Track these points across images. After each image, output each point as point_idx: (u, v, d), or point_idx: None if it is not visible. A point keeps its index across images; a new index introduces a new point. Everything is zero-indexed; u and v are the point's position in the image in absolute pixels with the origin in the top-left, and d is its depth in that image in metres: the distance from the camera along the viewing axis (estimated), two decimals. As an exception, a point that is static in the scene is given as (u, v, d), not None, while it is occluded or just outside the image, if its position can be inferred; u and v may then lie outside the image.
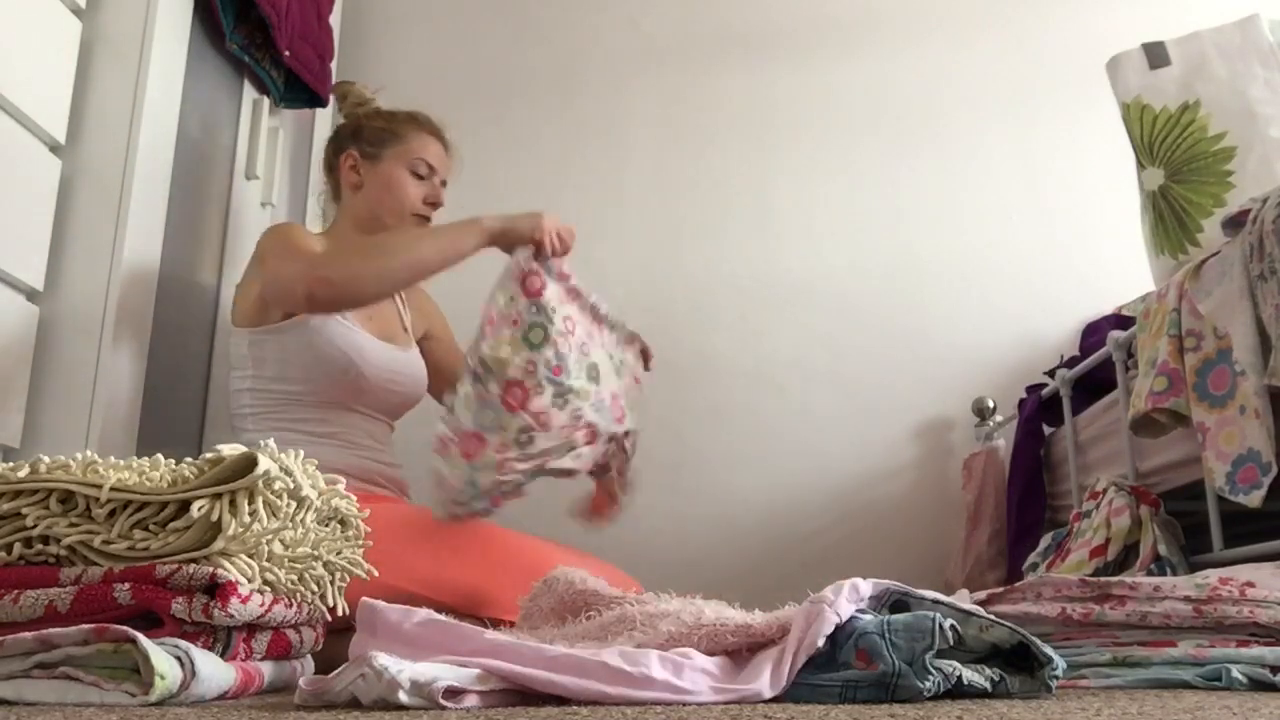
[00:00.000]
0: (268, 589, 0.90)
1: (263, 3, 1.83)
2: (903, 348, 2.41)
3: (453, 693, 0.69)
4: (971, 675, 0.76)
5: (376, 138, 1.73)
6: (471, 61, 2.60)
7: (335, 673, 0.72)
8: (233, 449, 0.87)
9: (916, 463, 2.36)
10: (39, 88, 1.44)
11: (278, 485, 0.87)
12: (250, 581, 0.86)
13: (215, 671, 0.80)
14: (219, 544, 0.83)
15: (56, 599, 0.81)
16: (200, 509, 0.83)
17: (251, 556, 0.87)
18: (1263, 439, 1.25)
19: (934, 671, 0.73)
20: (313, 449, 1.49)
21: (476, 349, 1.50)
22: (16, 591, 0.82)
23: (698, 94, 2.58)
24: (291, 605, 0.94)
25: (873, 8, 2.62)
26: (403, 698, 0.67)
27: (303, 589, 0.96)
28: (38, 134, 1.45)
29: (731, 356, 2.42)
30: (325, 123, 2.23)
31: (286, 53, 1.95)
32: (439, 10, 2.64)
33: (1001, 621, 0.80)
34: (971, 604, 0.83)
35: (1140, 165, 1.72)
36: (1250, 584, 0.98)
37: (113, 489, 0.84)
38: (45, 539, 0.85)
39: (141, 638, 0.76)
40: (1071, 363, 1.98)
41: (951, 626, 0.76)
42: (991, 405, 2.31)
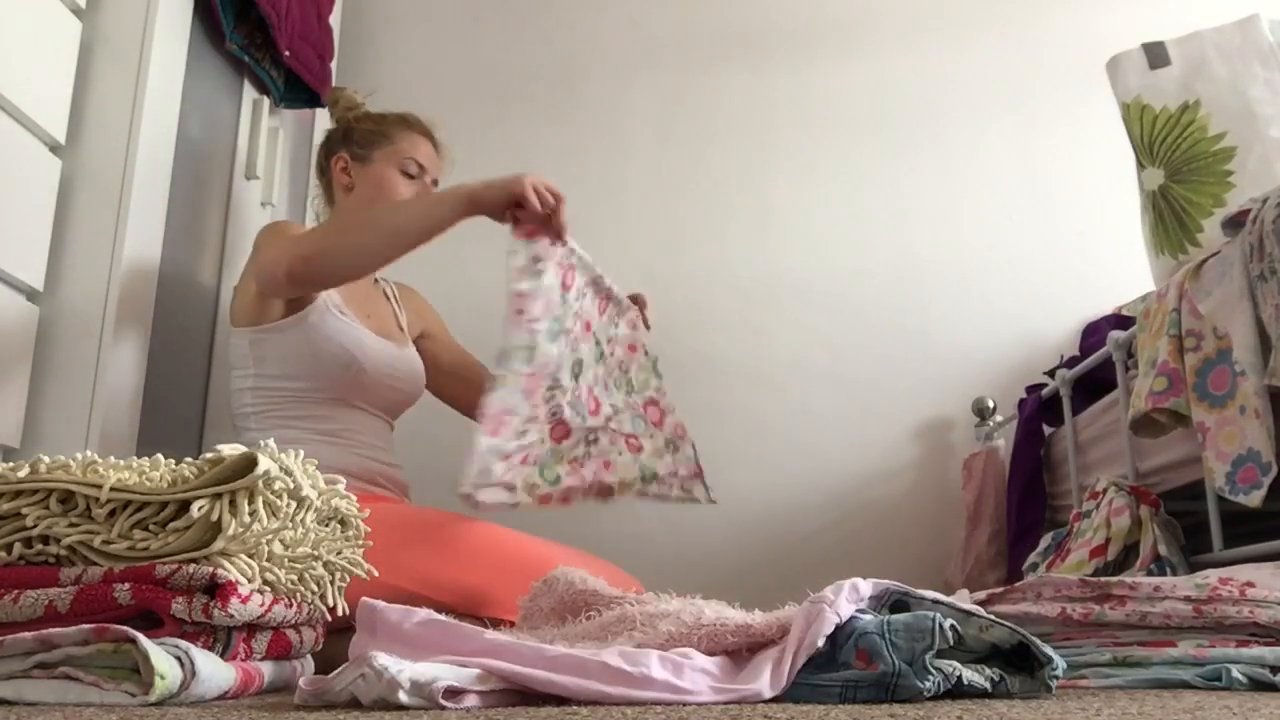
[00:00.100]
0: (268, 589, 0.90)
1: (263, 3, 1.83)
2: (903, 348, 2.41)
3: (453, 693, 0.69)
4: (971, 675, 0.76)
5: (366, 140, 1.75)
6: (471, 61, 2.60)
7: (335, 673, 0.72)
8: (233, 449, 0.87)
9: (916, 463, 2.36)
10: (39, 88, 1.44)
11: (278, 485, 0.87)
12: (250, 581, 0.86)
13: (215, 671, 0.80)
14: (219, 544, 0.83)
15: (56, 599, 0.81)
16: (200, 509, 0.83)
17: (251, 556, 0.87)
18: (1263, 439, 1.25)
19: (934, 671, 0.73)
20: (315, 448, 1.50)
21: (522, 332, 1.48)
22: (16, 591, 0.82)
23: (698, 94, 2.58)
24: (291, 605, 0.94)
25: (873, 8, 2.62)
26: (403, 698, 0.67)
27: (303, 589, 0.96)
28: (38, 134, 1.45)
29: (731, 356, 2.42)
30: (325, 122, 2.23)
31: (287, 53, 1.95)
32: (439, 10, 2.64)
33: (1001, 621, 0.80)
34: (971, 604, 0.83)
35: (1140, 165, 1.72)
36: (1250, 584, 0.98)
37: (113, 489, 0.84)
38: (45, 539, 0.85)
39: (141, 638, 0.76)
40: (1071, 363, 1.98)
41: (951, 626, 0.76)
42: (991, 405, 2.31)
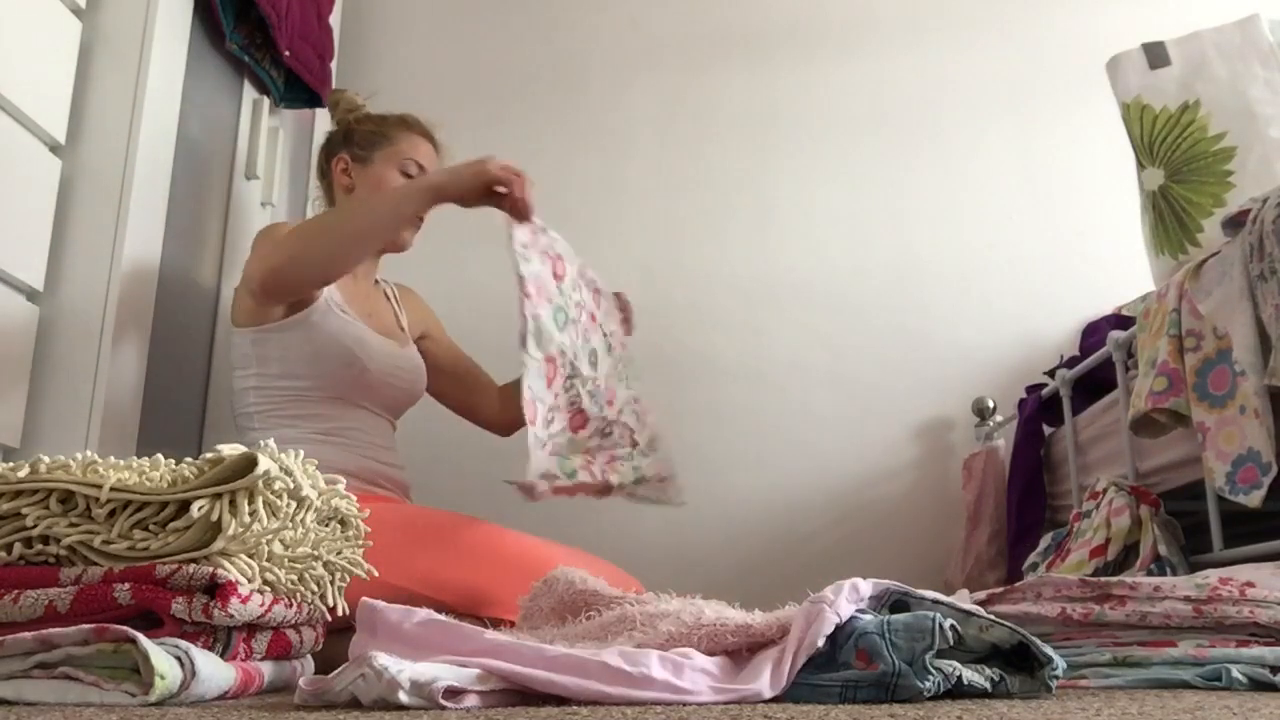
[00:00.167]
0: (268, 589, 0.90)
1: (263, 3, 1.83)
2: (903, 348, 2.41)
3: (453, 693, 0.69)
4: (971, 675, 0.76)
5: (367, 141, 1.75)
6: (471, 61, 2.60)
7: (335, 673, 0.72)
8: (233, 449, 0.87)
9: (916, 463, 2.36)
10: (39, 88, 1.44)
11: (278, 485, 0.87)
12: (250, 581, 0.86)
13: (215, 671, 0.80)
14: (219, 544, 0.83)
15: (56, 599, 0.81)
16: (200, 509, 0.83)
17: (251, 556, 0.87)
18: (1263, 439, 1.25)
19: (934, 671, 0.73)
20: (318, 448, 1.51)
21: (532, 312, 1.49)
22: (16, 591, 0.82)
23: (698, 94, 2.58)
24: (291, 605, 0.94)
25: (873, 8, 2.62)
26: (403, 698, 0.67)
27: (303, 589, 0.96)
28: (38, 134, 1.45)
29: (731, 356, 2.42)
30: (325, 122, 2.23)
31: (287, 53, 1.95)
32: (439, 10, 2.64)
33: (1001, 621, 0.80)
34: (971, 604, 0.83)
35: (1140, 165, 1.72)
36: (1250, 584, 0.98)
37: (113, 489, 0.84)
38: (45, 539, 0.85)
39: (141, 638, 0.76)
40: (1071, 363, 1.98)
41: (951, 626, 0.76)
42: (991, 405, 2.31)
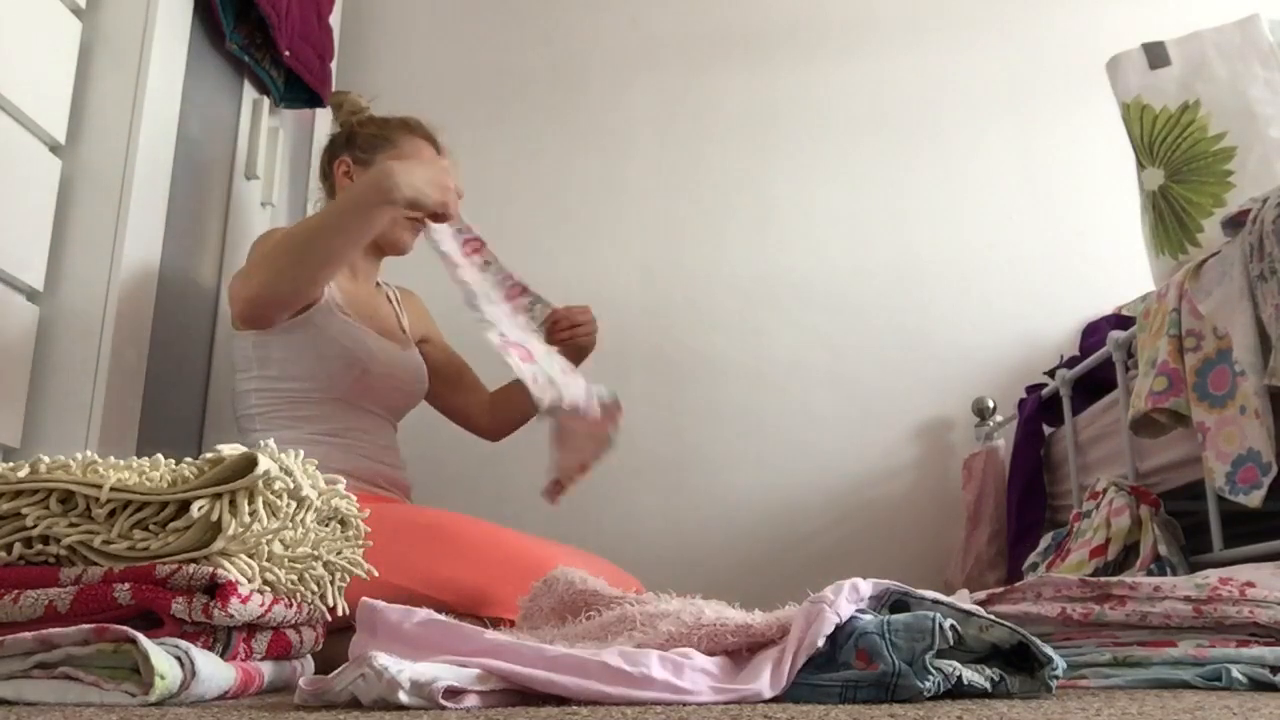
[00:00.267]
0: (268, 589, 0.90)
1: (263, 3, 1.83)
2: (903, 348, 2.41)
3: (453, 693, 0.69)
4: (971, 675, 0.76)
5: (369, 143, 1.74)
6: (471, 61, 2.60)
7: (335, 673, 0.72)
8: (233, 449, 0.87)
9: (916, 463, 2.36)
10: (39, 88, 1.44)
11: (278, 485, 0.87)
12: (250, 581, 0.86)
13: (215, 671, 0.80)
14: (219, 544, 0.83)
15: (56, 599, 0.81)
16: (200, 509, 0.83)
17: (251, 556, 0.87)
18: (1263, 439, 1.25)
19: (934, 671, 0.73)
20: (319, 449, 1.51)
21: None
22: (16, 591, 0.82)
23: (698, 94, 2.58)
24: (291, 605, 0.94)
25: (873, 8, 2.62)
26: (403, 698, 0.67)
27: (303, 589, 0.96)
28: (38, 134, 1.45)
29: (731, 356, 2.42)
30: (325, 123, 2.23)
31: (287, 53, 1.95)
32: (439, 10, 2.64)
33: (1001, 621, 0.80)
34: (971, 604, 0.83)
35: (1140, 165, 1.72)
36: (1250, 584, 0.98)
37: (113, 489, 0.84)
38: (45, 539, 0.85)
39: (141, 638, 0.76)
40: (1071, 363, 1.98)
41: (951, 626, 0.76)
42: (991, 405, 2.31)
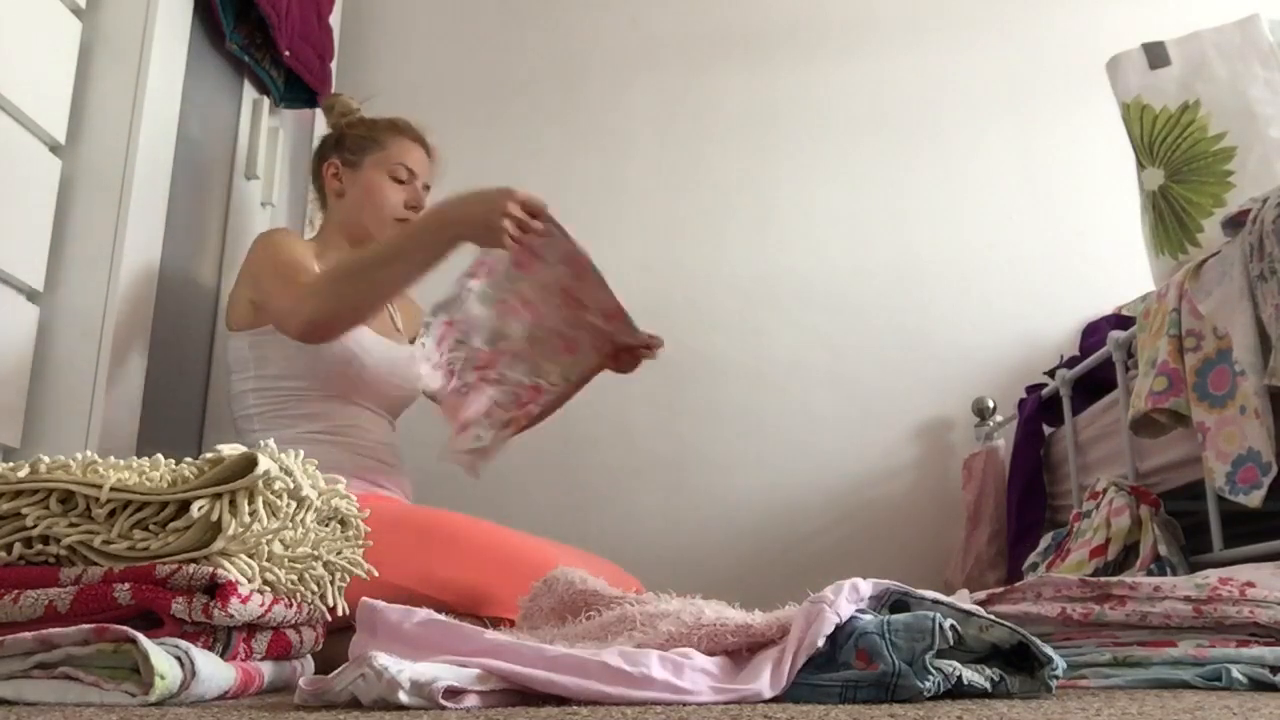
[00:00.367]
0: (268, 589, 0.90)
1: (263, 3, 1.83)
2: (903, 348, 2.41)
3: (453, 693, 0.69)
4: (971, 675, 0.76)
5: (357, 145, 1.75)
6: (471, 61, 2.60)
7: (335, 673, 0.71)
8: (233, 449, 0.87)
9: (916, 463, 2.36)
10: (39, 88, 1.44)
11: (278, 485, 0.87)
12: (250, 581, 0.86)
13: (215, 671, 0.80)
14: (219, 544, 0.83)
15: (56, 599, 0.81)
16: (200, 509, 0.83)
17: (251, 556, 0.87)
18: (1263, 439, 1.25)
19: (934, 671, 0.73)
20: (318, 448, 1.51)
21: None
22: (16, 591, 0.82)
23: (698, 94, 2.58)
24: (291, 605, 0.94)
25: (873, 8, 2.62)
26: (403, 698, 0.67)
27: (303, 589, 0.96)
28: (38, 134, 1.45)
29: (731, 356, 2.42)
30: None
31: (287, 53, 1.95)
32: (439, 10, 2.64)
33: (1001, 621, 0.80)
34: (971, 604, 0.83)
35: (1140, 165, 1.72)
36: (1250, 584, 0.98)
37: (113, 489, 0.84)
38: (45, 539, 0.85)
39: (141, 638, 0.76)
40: (1071, 363, 1.98)
41: (951, 626, 0.76)
42: (991, 405, 2.31)
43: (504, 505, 2.18)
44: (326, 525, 1.01)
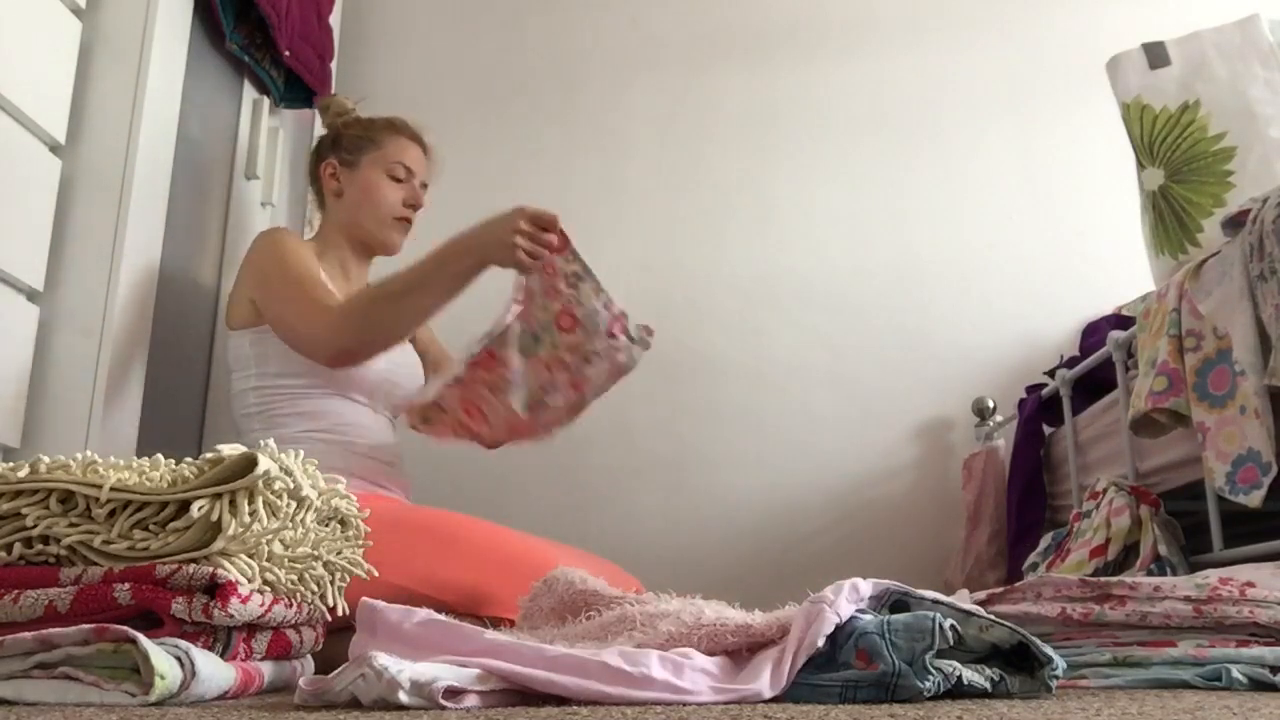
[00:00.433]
0: (268, 589, 0.90)
1: (263, 3, 1.83)
2: (903, 348, 2.41)
3: (453, 693, 0.69)
4: (971, 675, 0.76)
5: (354, 145, 1.75)
6: (471, 61, 2.60)
7: (335, 673, 0.72)
8: (233, 449, 0.88)
9: (916, 463, 2.36)
10: (39, 88, 1.44)
11: (278, 485, 0.87)
12: (250, 581, 0.86)
13: (215, 671, 0.80)
14: (219, 544, 0.83)
15: (56, 599, 0.81)
16: (200, 509, 0.83)
17: (251, 556, 0.87)
18: (1263, 439, 1.25)
19: (934, 671, 0.73)
20: (318, 446, 1.51)
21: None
22: (16, 591, 0.82)
23: (698, 94, 2.58)
24: (291, 605, 0.94)
25: (873, 8, 2.62)
26: (403, 698, 0.67)
27: (303, 589, 0.96)
28: (38, 134, 1.45)
29: (731, 356, 2.42)
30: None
31: (287, 53, 1.95)
32: (439, 10, 2.64)
33: (1001, 621, 0.80)
34: (971, 604, 0.83)
35: (1140, 165, 1.72)
36: (1250, 584, 0.98)
37: (113, 489, 0.84)
38: (45, 539, 0.85)
39: (141, 638, 0.76)
40: (1071, 363, 1.98)
41: (951, 626, 0.76)
42: (991, 405, 2.31)
43: (504, 505, 2.18)
44: (326, 525, 1.01)
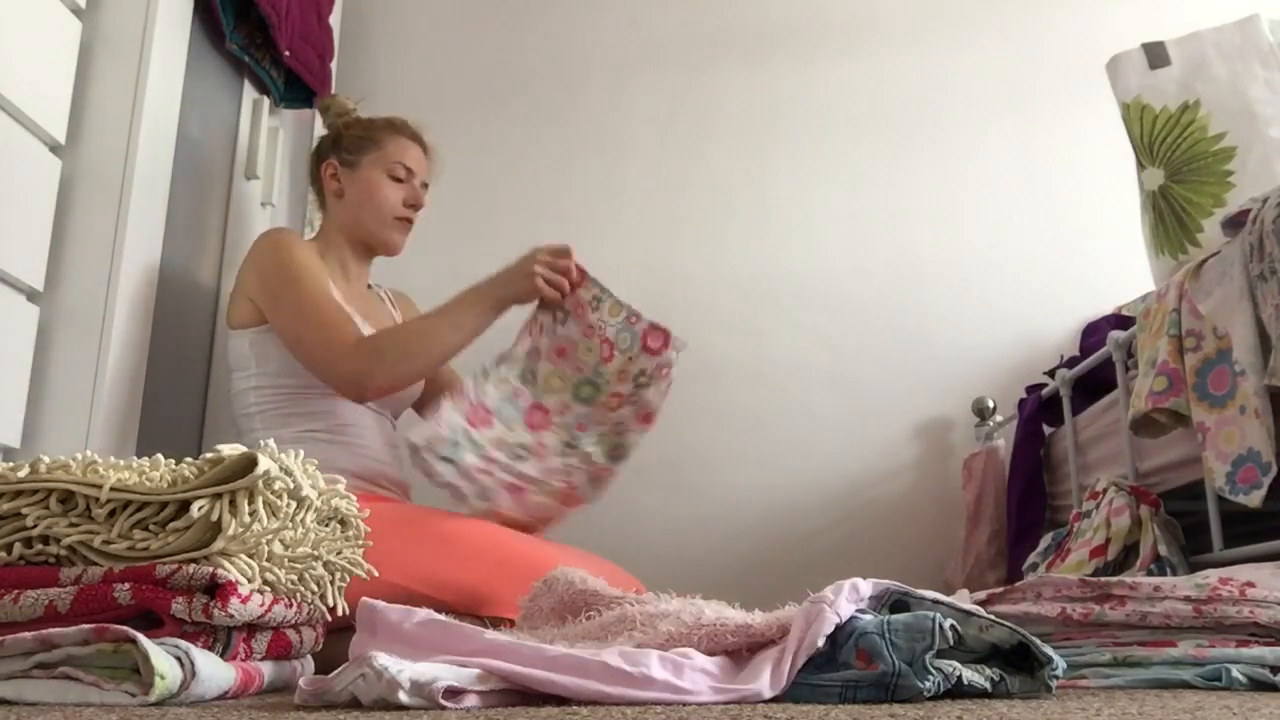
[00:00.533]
0: (268, 589, 0.90)
1: (263, 3, 1.83)
2: (903, 348, 2.41)
3: (453, 693, 0.69)
4: (971, 675, 0.76)
5: (354, 145, 1.75)
6: (471, 62, 2.60)
7: (335, 673, 0.72)
8: (233, 449, 0.87)
9: (916, 463, 2.36)
10: (39, 88, 1.44)
11: (278, 485, 0.87)
12: (250, 581, 0.86)
13: (215, 671, 0.80)
14: (219, 544, 0.83)
15: (56, 599, 0.81)
16: (200, 509, 0.83)
17: (251, 556, 0.87)
18: (1263, 439, 1.25)
19: (934, 671, 0.73)
20: (318, 447, 1.51)
21: (540, 355, 1.62)
22: (16, 591, 0.82)
23: (698, 94, 2.58)
24: (291, 605, 0.94)
25: (873, 8, 2.62)
26: (403, 698, 0.67)
27: (303, 589, 0.96)
28: (38, 134, 1.45)
29: (731, 356, 2.42)
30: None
31: (287, 53, 1.95)
32: (439, 10, 2.64)
33: (1001, 621, 0.80)
34: (971, 604, 0.83)
35: (1140, 165, 1.72)
36: (1250, 584, 0.98)
37: (113, 489, 0.84)
38: (45, 539, 0.85)
39: (141, 638, 0.76)
40: (1071, 363, 1.98)
41: (951, 626, 0.76)
42: (991, 405, 2.31)
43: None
44: (326, 525, 1.01)
